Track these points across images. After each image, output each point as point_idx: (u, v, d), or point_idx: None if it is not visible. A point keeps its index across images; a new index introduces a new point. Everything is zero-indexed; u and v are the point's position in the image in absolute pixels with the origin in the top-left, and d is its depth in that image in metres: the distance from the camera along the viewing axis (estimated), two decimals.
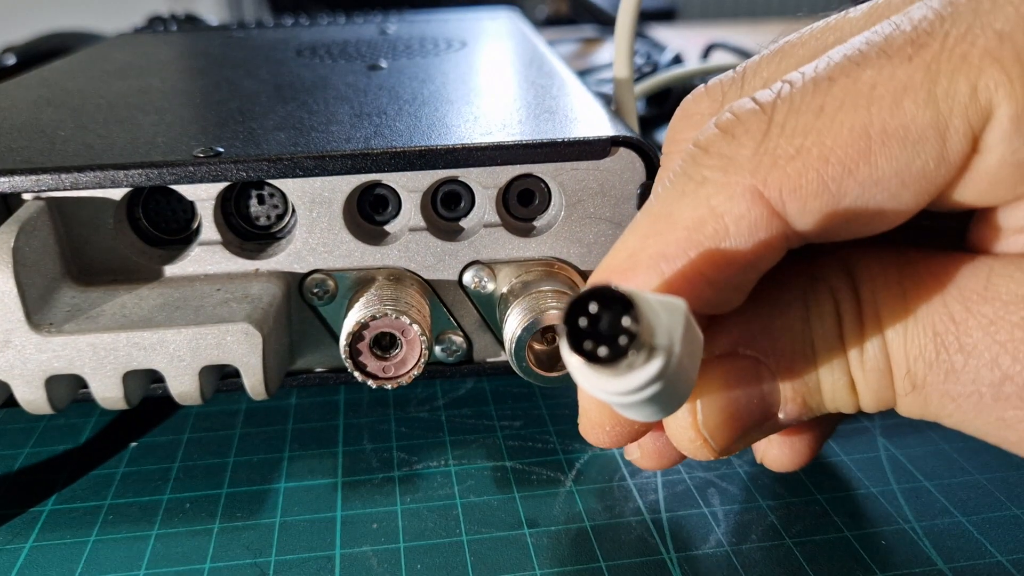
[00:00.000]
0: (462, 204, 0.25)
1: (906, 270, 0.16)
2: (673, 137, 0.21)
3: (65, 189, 0.23)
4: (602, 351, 0.13)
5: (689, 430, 0.18)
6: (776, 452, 0.21)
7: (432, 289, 0.25)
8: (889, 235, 0.16)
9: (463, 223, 0.25)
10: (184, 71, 0.39)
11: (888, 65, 0.14)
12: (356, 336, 0.23)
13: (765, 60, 0.19)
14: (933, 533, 0.21)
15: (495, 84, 0.32)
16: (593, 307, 0.13)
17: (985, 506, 0.22)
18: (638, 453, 0.21)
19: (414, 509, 0.23)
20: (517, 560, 0.21)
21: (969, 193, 0.15)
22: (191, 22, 0.59)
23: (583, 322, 0.13)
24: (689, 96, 0.20)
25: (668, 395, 0.15)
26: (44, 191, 0.23)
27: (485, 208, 0.25)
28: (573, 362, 0.13)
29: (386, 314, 0.23)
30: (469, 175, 0.24)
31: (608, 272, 0.17)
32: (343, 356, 0.23)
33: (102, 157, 0.24)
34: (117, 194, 0.24)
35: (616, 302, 0.13)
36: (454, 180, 0.25)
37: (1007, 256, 0.16)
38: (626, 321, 0.13)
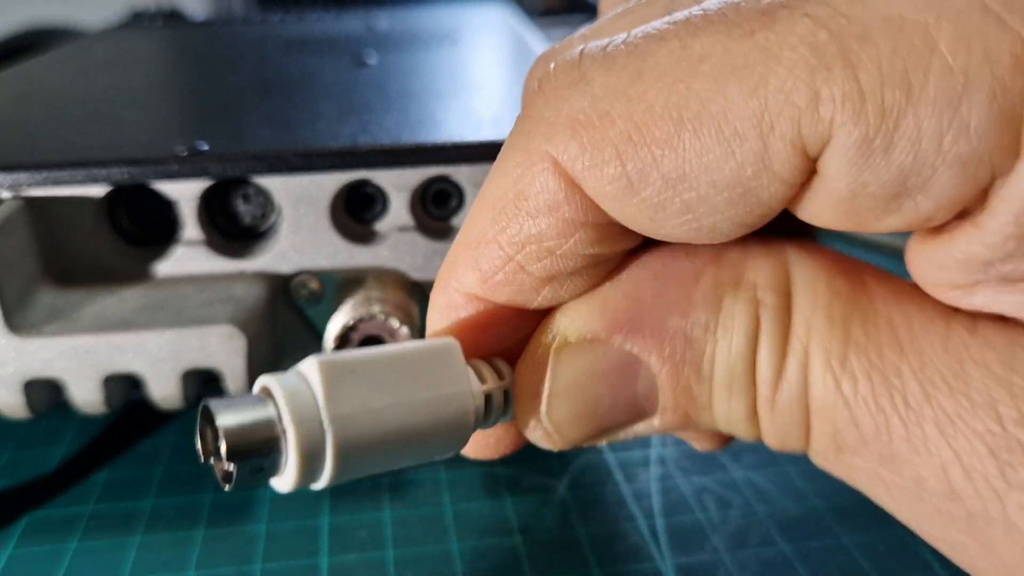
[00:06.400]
0: (452, 202, 0.25)
1: (860, 309, 0.13)
2: None
3: (44, 187, 0.22)
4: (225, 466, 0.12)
5: (530, 415, 0.15)
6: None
7: (422, 290, 0.25)
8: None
9: (453, 222, 0.25)
10: (167, 67, 0.38)
11: (724, 36, 0.12)
12: (343, 339, 0.22)
13: (638, 6, 0.16)
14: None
15: (485, 79, 0.32)
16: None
17: None
18: None
19: (403, 516, 0.22)
20: (509, 568, 0.21)
21: (831, 217, 0.12)
22: (175, 17, 0.58)
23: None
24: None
25: (393, 460, 0.14)
26: (22, 189, 0.22)
27: None
28: None
29: (374, 316, 0.22)
30: (459, 173, 0.24)
31: (449, 263, 0.15)
32: None
33: (82, 154, 0.23)
34: (97, 192, 0.23)
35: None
36: (444, 178, 0.24)
37: (986, 329, 0.12)
38: (221, 446, 0.12)
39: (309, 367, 0.13)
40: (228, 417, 0.12)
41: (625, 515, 0.22)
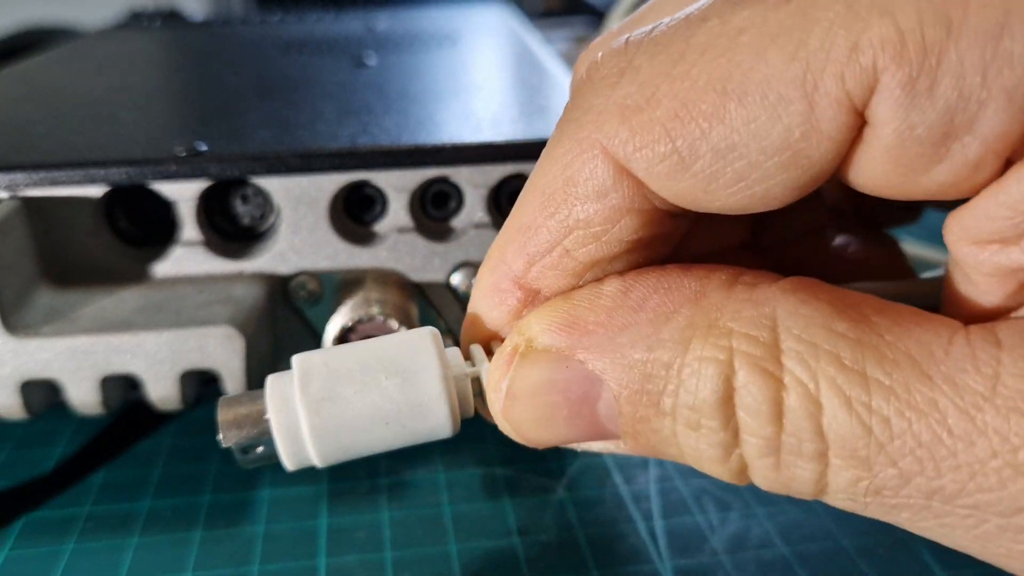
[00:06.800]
0: (451, 204, 0.25)
1: (872, 348, 0.12)
2: None
3: (42, 187, 0.22)
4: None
5: (493, 408, 0.15)
6: None
7: (421, 291, 0.25)
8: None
9: (452, 223, 0.25)
10: (166, 67, 0.38)
11: (762, 7, 0.12)
12: (342, 340, 0.22)
13: None
14: (932, 543, 0.21)
15: (485, 81, 0.32)
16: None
17: None
18: None
19: (401, 518, 0.22)
20: (507, 570, 0.20)
21: (882, 173, 0.12)
22: (174, 17, 0.58)
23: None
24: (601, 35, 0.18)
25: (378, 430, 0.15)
26: (20, 189, 0.22)
27: (475, 208, 0.24)
28: None
29: (372, 317, 0.22)
30: (459, 174, 0.24)
31: (498, 246, 0.15)
32: None
33: (80, 155, 0.23)
34: (95, 193, 0.23)
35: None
36: (443, 179, 0.24)
37: (1009, 336, 0.12)
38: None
39: (293, 362, 0.15)
40: (225, 412, 0.15)
41: (624, 517, 0.22)
